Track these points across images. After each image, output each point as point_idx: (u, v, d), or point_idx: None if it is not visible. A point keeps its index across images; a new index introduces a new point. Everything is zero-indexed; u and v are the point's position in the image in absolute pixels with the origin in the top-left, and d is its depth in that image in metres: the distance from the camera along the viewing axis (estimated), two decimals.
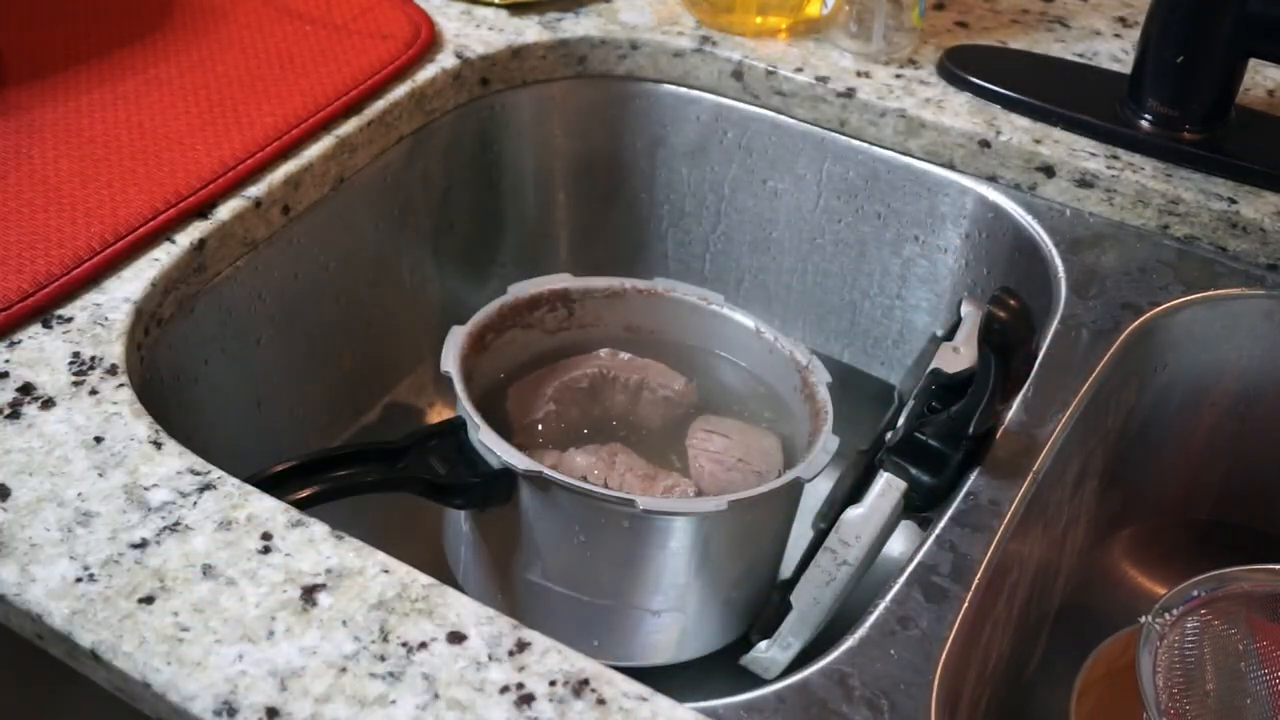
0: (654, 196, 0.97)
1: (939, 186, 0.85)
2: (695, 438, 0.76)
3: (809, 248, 0.93)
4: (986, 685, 0.65)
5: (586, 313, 0.82)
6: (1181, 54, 0.78)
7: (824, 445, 0.71)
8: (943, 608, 0.58)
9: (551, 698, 0.49)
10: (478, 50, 0.88)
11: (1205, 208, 0.77)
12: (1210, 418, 0.80)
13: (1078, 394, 0.69)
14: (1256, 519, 0.83)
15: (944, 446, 0.64)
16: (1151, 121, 0.81)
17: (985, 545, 0.61)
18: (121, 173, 0.72)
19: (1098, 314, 0.74)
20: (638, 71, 0.92)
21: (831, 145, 0.88)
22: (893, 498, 0.65)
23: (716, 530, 0.69)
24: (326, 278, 0.81)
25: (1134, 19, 0.95)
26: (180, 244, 0.69)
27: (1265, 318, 0.76)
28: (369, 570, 0.53)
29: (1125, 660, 0.70)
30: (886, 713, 0.53)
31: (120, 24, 0.86)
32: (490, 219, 0.95)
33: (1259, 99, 0.87)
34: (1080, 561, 0.80)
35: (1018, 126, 0.83)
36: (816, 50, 0.89)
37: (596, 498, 0.66)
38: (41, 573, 0.52)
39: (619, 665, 0.52)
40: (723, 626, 0.74)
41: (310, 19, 0.87)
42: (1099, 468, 0.75)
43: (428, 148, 0.87)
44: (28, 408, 0.59)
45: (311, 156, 0.77)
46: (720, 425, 0.77)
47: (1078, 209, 0.81)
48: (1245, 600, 0.66)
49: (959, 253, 0.86)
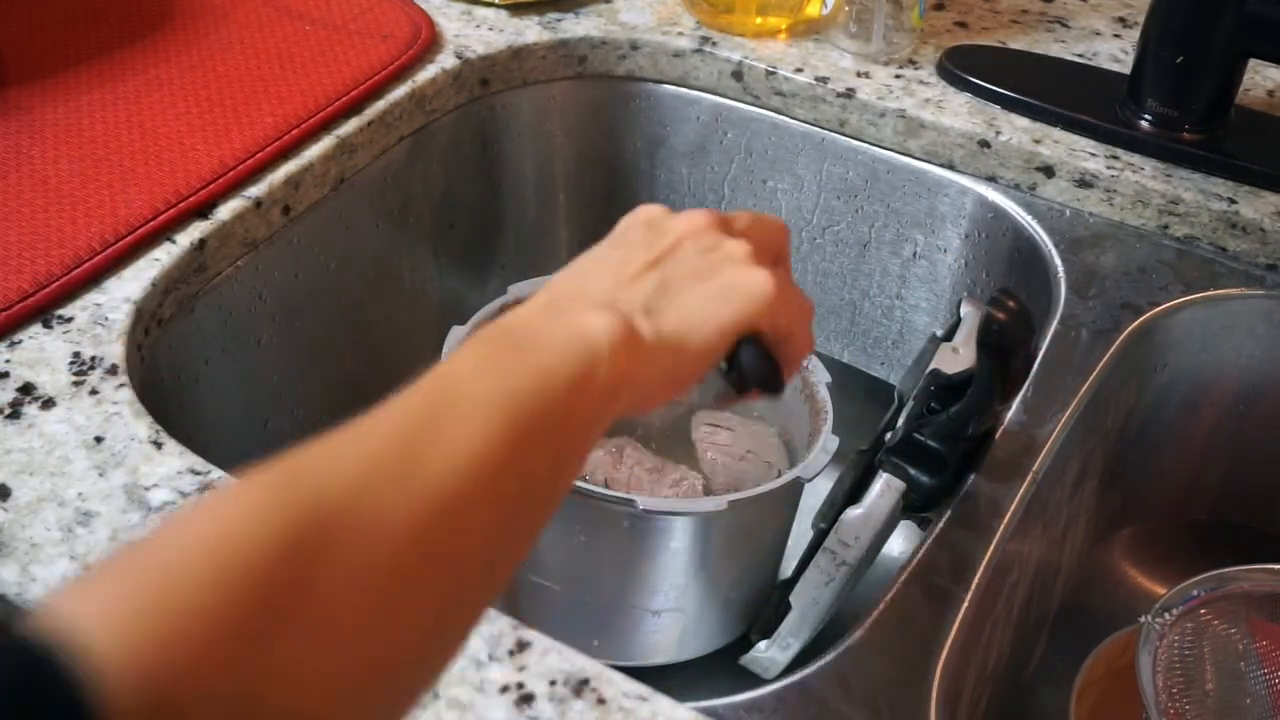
0: (654, 196, 0.97)
1: (939, 186, 0.85)
2: (700, 431, 0.76)
3: (809, 248, 0.93)
4: (986, 685, 0.65)
5: None
6: (1181, 54, 0.78)
7: (824, 445, 0.71)
8: (943, 608, 0.58)
9: (551, 698, 0.49)
10: (478, 50, 0.88)
11: (1205, 208, 0.77)
12: (1210, 418, 0.80)
13: (1077, 394, 0.69)
14: (1256, 519, 0.83)
15: (943, 447, 0.64)
16: (1151, 121, 0.81)
17: (985, 545, 0.61)
18: (121, 173, 0.72)
19: (1097, 314, 0.74)
20: (638, 72, 0.92)
21: (831, 145, 0.88)
22: (892, 498, 0.65)
23: (716, 530, 0.69)
24: (326, 278, 0.81)
25: (1134, 19, 0.95)
26: (180, 244, 0.69)
27: (1265, 318, 0.76)
28: None
29: (1125, 660, 0.70)
30: (886, 713, 0.53)
31: (120, 24, 0.86)
32: (490, 219, 0.95)
33: (1259, 99, 0.87)
34: (1080, 561, 0.80)
35: (1017, 126, 0.83)
36: (816, 50, 0.89)
37: (596, 498, 0.66)
38: (42, 573, 0.52)
39: (619, 665, 0.52)
40: (723, 626, 0.74)
41: (310, 19, 0.87)
42: (1099, 468, 0.75)
43: (428, 148, 0.87)
44: (28, 408, 0.59)
45: (311, 156, 0.77)
46: (721, 419, 0.77)
47: (1077, 209, 0.81)
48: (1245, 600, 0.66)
49: (959, 253, 0.86)
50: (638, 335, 0.43)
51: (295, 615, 0.30)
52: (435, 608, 0.34)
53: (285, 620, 0.29)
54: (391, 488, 0.33)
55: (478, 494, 0.35)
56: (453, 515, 0.34)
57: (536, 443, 0.37)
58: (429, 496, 0.34)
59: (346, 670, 0.31)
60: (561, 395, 0.39)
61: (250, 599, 0.29)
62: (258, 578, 0.29)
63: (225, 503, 0.32)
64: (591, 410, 0.40)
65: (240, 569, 0.29)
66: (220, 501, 0.33)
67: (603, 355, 0.40)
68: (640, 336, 0.43)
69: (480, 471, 0.35)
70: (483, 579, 0.36)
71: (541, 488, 0.38)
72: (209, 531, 0.30)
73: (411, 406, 0.37)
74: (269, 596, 0.29)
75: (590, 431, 0.40)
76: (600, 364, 0.40)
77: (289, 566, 0.30)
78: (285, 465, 0.33)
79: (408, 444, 0.35)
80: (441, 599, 0.34)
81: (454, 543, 0.34)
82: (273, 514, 0.31)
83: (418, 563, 0.33)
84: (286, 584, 0.30)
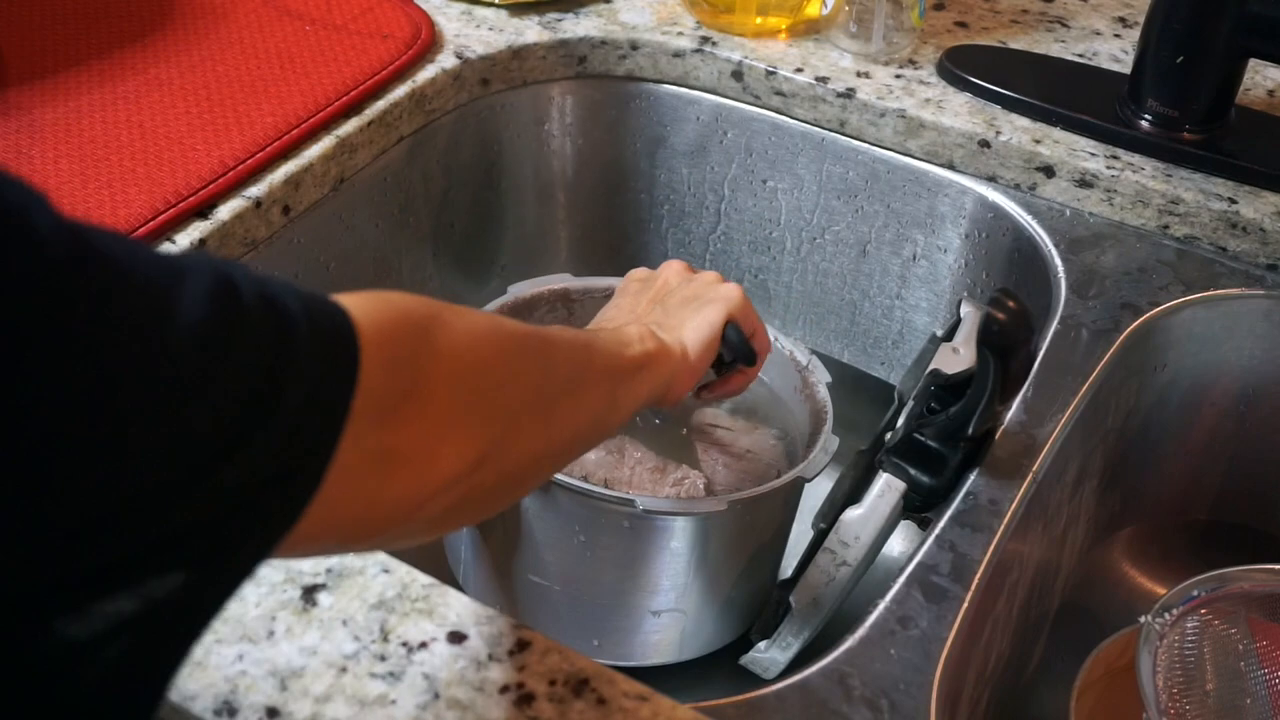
0: (654, 196, 0.97)
1: (939, 186, 0.85)
2: (699, 431, 0.76)
3: (809, 248, 0.93)
4: (986, 685, 0.65)
5: (586, 313, 0.82)
6: (1181, 54, 0.78)
7: (824, 445, 0.71)
8: (943, 608, 0.58)
9: (551, 698, 0.49)
10: (478, 50, 0.88)
11: (1205, 208, 0.77)
12: (1210, 418, 0.80)
13: (1077, 394, 0.69)
14: (1256, 519, 0.83)
15: (943, 447, 0.64)
16: (1151, 121, 0.81)
17: (985, 545, 0.61)
18: (121, 173, 0.72)
19: (1098, 314, 0.74)
20: (638, 72, 0.92)
21: (831, 145, 0.88)
22: (892, 498, 0.65)
23: (716, 530, 0.69)
24: (326, 278, 0.81)
25: (1134, 19, 0.95)
26: (180, 244, 0.69)
27: (1265, 318, 0.76)
28: (369, 570, 0.53)
29: (1125, 660, 0.70)
30: (886, 713, 0.53)
31: (120, 24, 0.86)
32: (490, 219, 0.95)
33: (1259, 99, 0.87)
34: (1080, 561, 0.80)
35: (1017, 126, 0.83)
36: (816, 50, 0.89)
37: (596, 498, 0.66)
38: None
39: (619, 665, 0.52)
40: (723, 626, 0.74)
41: (310, 19, 0.87)
42: (1099, 468, 0.75)
43: (428, 148, 0.87)
44: None
45: (311, 156, 0.77)
46: (720, 418, 0.77)
47: (1078, 209, 0.81)
48: (1245, 600, 0.66)
49: (959, 253, 0.86)
50: (657, 335, 0.62)
51: (449, 322, 0.45)
52: (533, 379, 0.49)
53: (443, 322, 0.45)
54: (511, 328, 0.50)
55: (558, 341, 0.53)
56: (543, 337, 0.52)
57: (593, 350, 0.56)
58: (526, 328, 0.51)
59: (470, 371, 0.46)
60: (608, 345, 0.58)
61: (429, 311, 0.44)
62: (425, 307, 0.45)
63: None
64: (630, 359, 0.59)
65: (413, 304, 0.44)
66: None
67: (635, 341, 0.60)
68: (659, 336, 0.62)
69: (559, 339, 0.54)
70: (563, 393, 0.52)
71: (599, 376, 0.56)
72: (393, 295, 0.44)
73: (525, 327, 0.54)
74: (435, 312, 0.45)
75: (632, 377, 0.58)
76: (635, 344, 0.60)
77: (436, 310, 0.45)
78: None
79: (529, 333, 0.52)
80: (537, 375, 0.50)
81: (543, 350, 0.51)
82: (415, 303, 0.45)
83: (520, 343, 0.49)
84: (440, 315, 0.45)
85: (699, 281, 0.68)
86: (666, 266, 0.71)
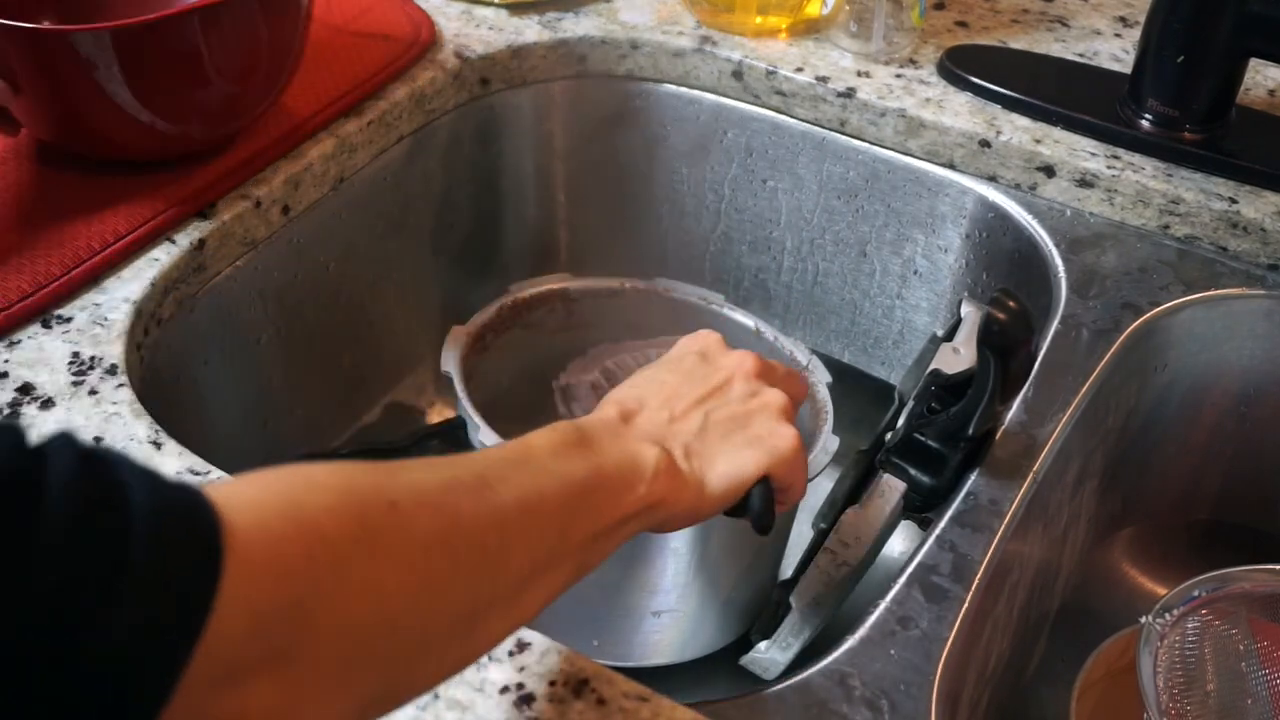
0: (654, 196, 0.96)
1: (939, 186, 0.85)
2: None
3: (809, 248, 0.93)
4: (986, 685, 0.65)
5: (586, 313, 0.82)
6: (1182, 54, 0.78)
7: (824, 445, 0.71)
8: (943, 608, 0.58)
9: (551, 698, 0.48)
10: (478, 50, 0.88)
11: (1205, 208, 0.77)
12: (1210, 418, 0.80)
13: (1078, 394, 0.69)
14: (1256, 519, 0.83)
15: (943, 447, 0.64)
16: (1152, 121, 0.81)
17: (985, 545, 0.61)
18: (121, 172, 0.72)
19: (1098, 314, 0.74)
20: (638, 71, 0.92)
21: (831, 145, 0.88)
22: (892, 498, 0.64)
23: (716, 530, 0.69)
24: (326, 278, 0.81)
25: (1134, 19, 0.95)
26: (180, 244, 0.69)
27: (1265, 318, 0.76)
28: None
29: (1125, 660, 0.70)
30: (886, 713, 0.53)
31: None
32: (490, 219, 0.95)
33: (1259, 99, 0.87)
34: (1080, 561, 0.80)
35: (1018, 126, 0.83)
36: (816, 50, 0.89)
37: None
38: None
39: (619, 665, 0.52)
40: (723, 626, 0.74)
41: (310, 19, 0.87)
42: (1099, 468, 0.75)
43: (428, 148, 0.87)
44: (27, 408, 0.59)
45: (311, 156, 0.77)
46: None
47: (1078, 209, 0.81)
48: (1245, 600, 0.66)
49: (959, 253, 0.86)
50: (676, 467, 0.53)
51: (372, 548, 0.36)
52: (468, 597, 0.40)
53: (366, 549, 0.35)
54: (462, 495, 0.41)
55: (525, 528, 0.43)
56: (502, 530, 0.42)
57: (577, 513, 0.46)
58: (488, 513, 0.41)
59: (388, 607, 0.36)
60: (607, 489, 0.49)
61: (349, 529, 0.35)
62: (352, 512, 0.36)
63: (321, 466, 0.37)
64: (626, 511, 0.49)
65: (335, 509, 0.35)
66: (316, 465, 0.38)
67: (646, 478, 0.50)
68: (678, 468, 0.53)
69: (533, 513, 0.44)
70: (510, 595, 0.43)
71: (573, 550, 0.46)
72: (322, 474, 0.36)
73: (490, 455, 0.47)
74: (359, 529, 0.35)
75: (619, 529, 0.49)
76: (643, 483, 0.50)
77: (368, 518, 0.36)
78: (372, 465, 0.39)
79: (482, 475, 0.42)
80: (475, 592, 0.40)
81: (498, 551, 0.41)
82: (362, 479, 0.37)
83: (467, 552, 0.40)
84: (369, 529, 0.36)
85: (758, 403, 0.57)
86: (737, 362, 0.59)
